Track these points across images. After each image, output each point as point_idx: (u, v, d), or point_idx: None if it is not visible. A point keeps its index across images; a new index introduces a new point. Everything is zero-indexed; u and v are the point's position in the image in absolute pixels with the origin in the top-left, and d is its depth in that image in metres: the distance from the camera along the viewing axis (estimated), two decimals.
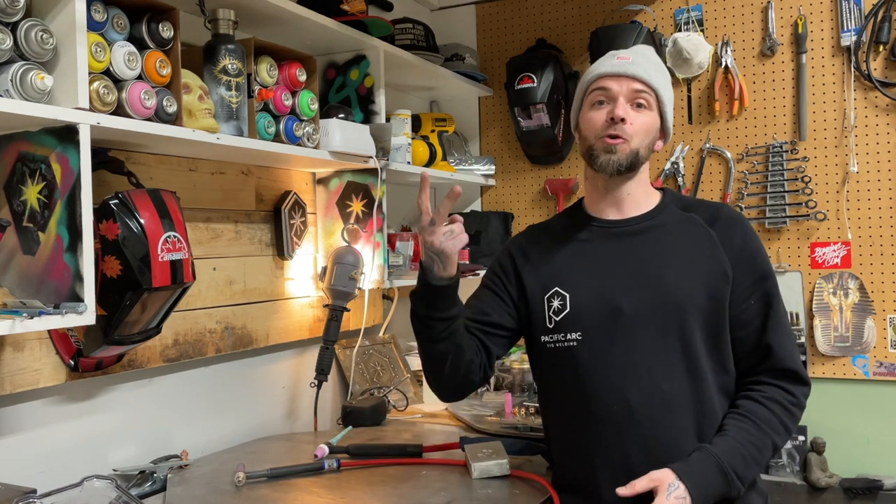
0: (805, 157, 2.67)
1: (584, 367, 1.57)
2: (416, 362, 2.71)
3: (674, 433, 1.51)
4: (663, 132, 1.65)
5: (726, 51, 2.75)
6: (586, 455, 1.57)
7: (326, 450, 1.86)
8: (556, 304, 1.61)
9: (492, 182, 3.13)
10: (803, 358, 2.63)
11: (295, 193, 2.30)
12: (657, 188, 1.71)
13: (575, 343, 1.58)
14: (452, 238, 1.48)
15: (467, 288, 3.15)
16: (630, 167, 1.58)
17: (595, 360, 1.56)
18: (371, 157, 2.21)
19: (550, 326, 1.62)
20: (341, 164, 2.24)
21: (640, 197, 1.65)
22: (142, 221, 1.54)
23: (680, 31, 2.82)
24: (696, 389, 1.52)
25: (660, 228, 1.62)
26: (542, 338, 1.64)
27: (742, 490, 1.48)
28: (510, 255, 1.73)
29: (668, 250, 1.59)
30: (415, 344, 2.86)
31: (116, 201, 1.53)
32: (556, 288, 1.62)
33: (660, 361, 1.53)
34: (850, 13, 2.60)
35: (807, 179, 2.66)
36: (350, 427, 2.17)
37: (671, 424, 1.51)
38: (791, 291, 2.65)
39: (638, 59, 1.60)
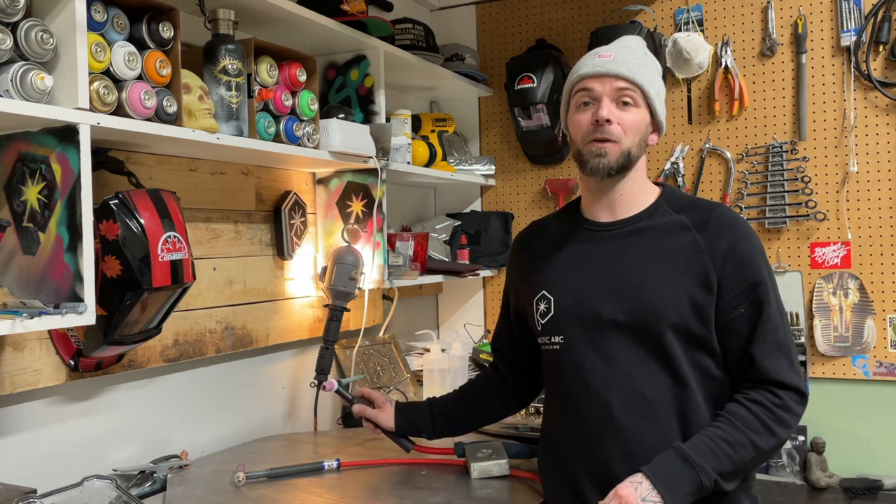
0: (805, 157, 2.67)
1: (567, 370, 1.57)
2: (416, 362, 2.71)
3: (657, 440, 1.47)
4: (655, 126, 1.60)
5: (726, 51, 2.75)
6: (570, 458, 1.56)
7: (335, 384, 1.94)
8: (542, 307, 1.62)
9: (492, 182, 3.13)
10: (803, 358, 2.63)
11: (295, 193, 2.30)
12: (657, 184, 1.67)
13: (558, 346, 1.59)
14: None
15: (468, 287, 3.18)
16: (622, 168, 1.55)
17: (576, 363, 1.55)
18: (371, 157, 2.21)
19: (539, 329, 1.62)
20: (341, 164, 2.24)
21: (635, 196, 1.61)
22: (142, 221, 1.54)
23: (680, 31, 2.81)
24: (680, 397, 1.49)
25: (646, 232, 1.57)
26: (538, 339, 1.65)
27: (721, 482, 1.41)
28: (516, 256, 1.76)
29: (652, 256, 1.55)
30: (414, 344, 2.88)
31: (116, 201, 1.53)
32: (543, 291, 1.62)
33: (640, 369, 1.50)
34: (849, 13, 2.60)
35: (807, 179, 2.66)
36: (363, 375, 2.16)
37: (654, 431, 1.48)
38: (791, 291, 2.65)
39: (620, 56, 1.55)
